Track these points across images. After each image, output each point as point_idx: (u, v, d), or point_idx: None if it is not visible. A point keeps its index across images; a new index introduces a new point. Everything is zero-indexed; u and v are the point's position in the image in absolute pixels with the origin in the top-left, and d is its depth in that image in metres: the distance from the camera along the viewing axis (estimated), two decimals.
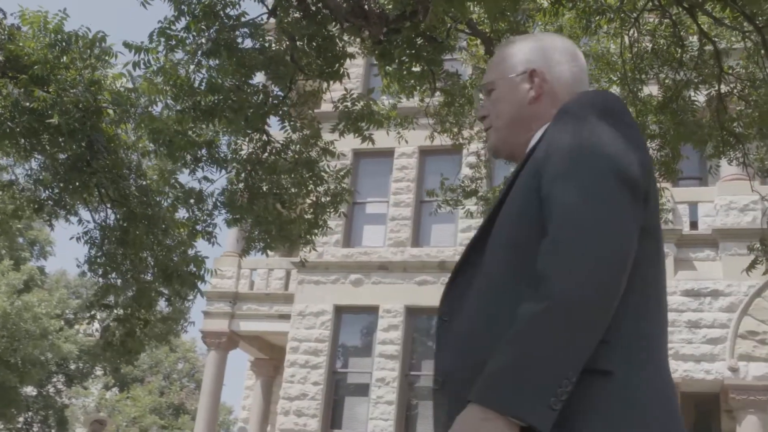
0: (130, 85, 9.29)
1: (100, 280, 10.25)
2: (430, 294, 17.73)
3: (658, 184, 8.11)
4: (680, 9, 8.00)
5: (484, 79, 2.03)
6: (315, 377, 17.67)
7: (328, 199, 9.64)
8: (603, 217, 1.52)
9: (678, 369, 14.72)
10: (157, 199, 10.05)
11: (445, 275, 17.73)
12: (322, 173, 9.50)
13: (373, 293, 17.99)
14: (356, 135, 9.04)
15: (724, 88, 8.88)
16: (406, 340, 17.71)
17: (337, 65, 8.53)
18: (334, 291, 18.29)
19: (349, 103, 9.03)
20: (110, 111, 9.25)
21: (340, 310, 18.33)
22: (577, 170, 1.58)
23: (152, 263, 10.18)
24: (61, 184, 9.51)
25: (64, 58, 8.87)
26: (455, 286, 1.77)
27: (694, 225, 15.99)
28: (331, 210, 9.57)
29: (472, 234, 15.91)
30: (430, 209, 18.45)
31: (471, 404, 1.46)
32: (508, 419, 1.42)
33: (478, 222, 16.86)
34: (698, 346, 14.87)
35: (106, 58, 9.17)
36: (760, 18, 7.66)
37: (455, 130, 10.41)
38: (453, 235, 18.27)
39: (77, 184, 9.25)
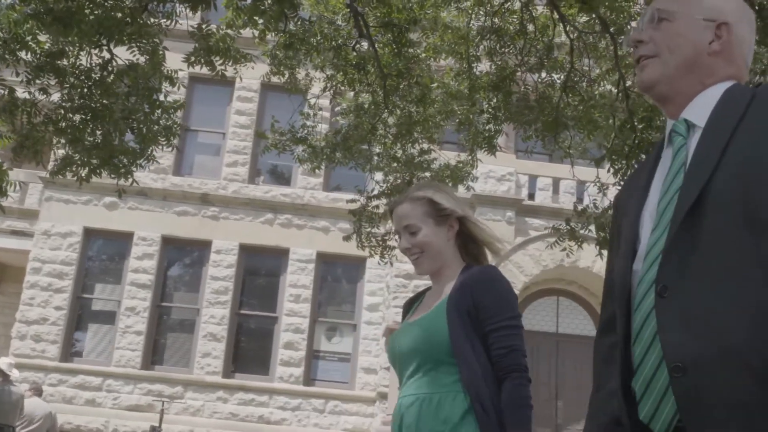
0: None
1: None
2: (190, 225, 17.36)
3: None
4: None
5: (661, 4, 1.88)
6: (58, 302, 16.62)
7: (159, 128, 9.12)
8: None
9: None
10: None
11: (206, 208, 17.44)
12: (157, 102, 8.95)
13: (127, 219, 17.20)
14: (210, 69, 8.64)
15: (556, 77, 9.63)
16: (159, 270, 17.21)
17: None
18: (86, 212, 17.22)
19: (204, 35, 8.59)
20: None
21: (90, 233, 17.31)
22: None
23: None
24: None
25: None
26: (671, 258, 1.62)
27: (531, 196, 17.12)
28: (164, 142, 9.07)
29: (236, 170, 15.62)
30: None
31: None
32: None
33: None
34: None
35: None
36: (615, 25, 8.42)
37: (289, 73, 10.26)
38: (219, 169, 17.93)
39: None
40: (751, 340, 1.48)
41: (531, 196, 17.00)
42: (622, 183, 8.77)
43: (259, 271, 17.98)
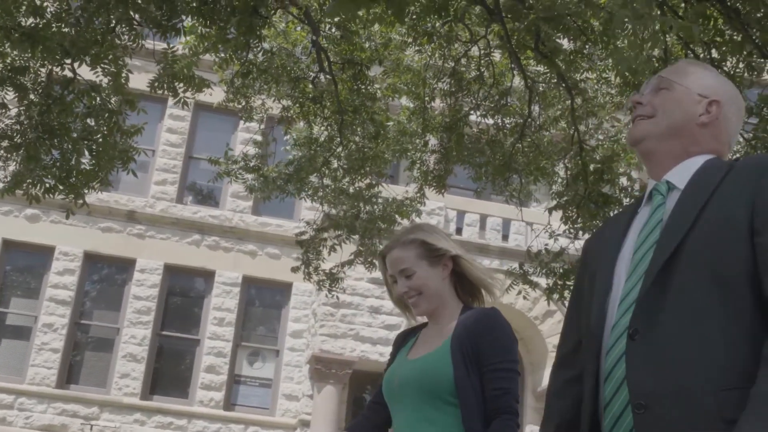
0: None
1: None
2: (114, 242, 17.02)
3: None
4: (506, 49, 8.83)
5: (663, 73, 2.10)
6: None
7: (115, 152, 9.01)
8: None
9: (357, 349, 15.94)
10: None
11: (132, 225, 17.15)
12: (116, 125, 8.86)
13: (49, 232, 16.72)
14: (172, 96, 8.62)
15: (508, 122, 9.97)
16: (80, 286, 16.78)
17: (176, 20, 8.10)
18: (5, 223, 16.67)
19: (170, 60, 8.56)
20: None
21: (8, 245, 16.76)
22: None
23: None
24: None
25: None
26: (644, 306, 1.77)
27: (459, 231, 17.35)
28: (120, 165, 8.98)
29: (164, 188, 15.40)
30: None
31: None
32: None
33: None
34: (376, 330, 16.23)
35: None
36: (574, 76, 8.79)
37: (244, 102, 10.30)
38: (147, 187, 17.65)
39: None
40: (707, 382, 1.65)
41: (458, 231, 17.36)
42: (571, 231, 9.14)
43: (184, 292, 17.74)
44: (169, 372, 16.94)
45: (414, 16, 8.28)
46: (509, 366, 2.66)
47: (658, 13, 4.98)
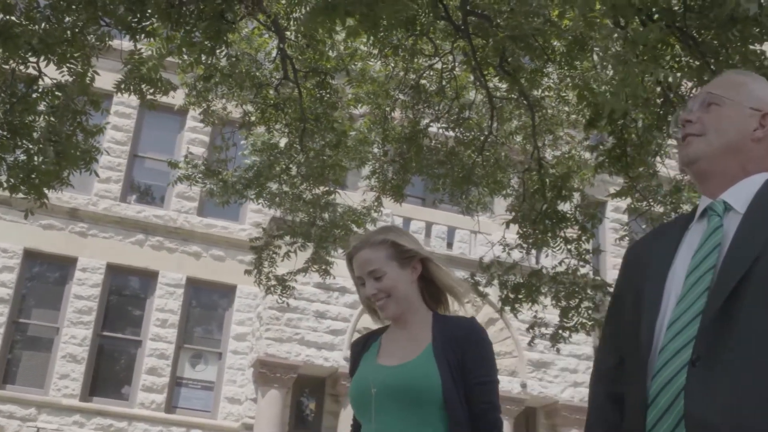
0: None
1: None
2: (56, 240, 16.74)
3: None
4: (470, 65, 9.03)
5: (712, 89, 2.02)
6: None
7: (77, 152, 8.93)
8: None
9: (302, 353, 15.98)
10: None
11: (74, 223, 16.89)
12: (80, 125, 8.79)
13: None
14: (138, 97, 8.60)
15: (468, 136, 10.18)
16: (19, 284, 16.44)
17: (146, 23, 8.08)
18: None
19: (137, 62, 8.54)
20: None
21: None
22: None
23: None
24: None
25: None
26: (708, 333, 1.71)
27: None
28: (83, 165, 8.89)
29: (108, 186, 15.16)
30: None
31: None
32: None
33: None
34: (322, 334, 16.29)
35: None
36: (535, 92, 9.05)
37: (205, 105, 10.30)
38: (91, 185, 17.38)
39: None
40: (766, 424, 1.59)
41: None
42: (523, 246, 9.38)
43: (126, 292, 17.52)
44: (109, 373, 16.70)
45: (381, 29, 8.42)
46: (494, 378, 2.68)
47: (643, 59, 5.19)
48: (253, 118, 10.09)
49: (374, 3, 6.90)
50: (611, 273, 17.64)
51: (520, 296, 9.49)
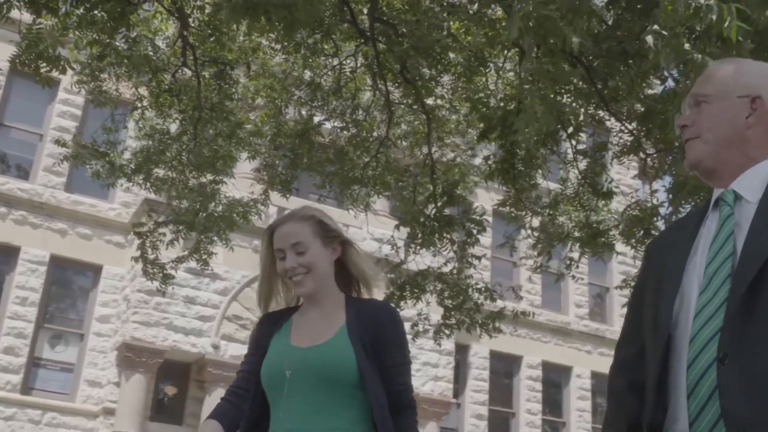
0: None
1: None
2: None
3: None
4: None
5: (698, 89, 2.02)
6: None
7: None
8: None
9: (169, 338, 15.82)
10: None
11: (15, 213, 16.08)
12: None
13: None
14: (35, 74, 8.37)
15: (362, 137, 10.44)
16: None
17: None
18: None
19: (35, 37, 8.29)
20: None
21: None
22: None
23: None
24: None
25: None
26: (732, 327, 1.70)
27: None
28: None
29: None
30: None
31: None
32: None
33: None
34: (190, 320, 16.18)
35: None
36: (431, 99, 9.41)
37: (93, 85, 10.09)
38: None
39: None
40: None
41: None
42: (415, 245, 9.74)
43: None
44: None
45: (296, 31, 8.54)
46: (409, 360, 2.77)
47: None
48: (145, 102, 9.97)
49: (292, 5, 7.03)
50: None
51: (404, 293, 9.85)
